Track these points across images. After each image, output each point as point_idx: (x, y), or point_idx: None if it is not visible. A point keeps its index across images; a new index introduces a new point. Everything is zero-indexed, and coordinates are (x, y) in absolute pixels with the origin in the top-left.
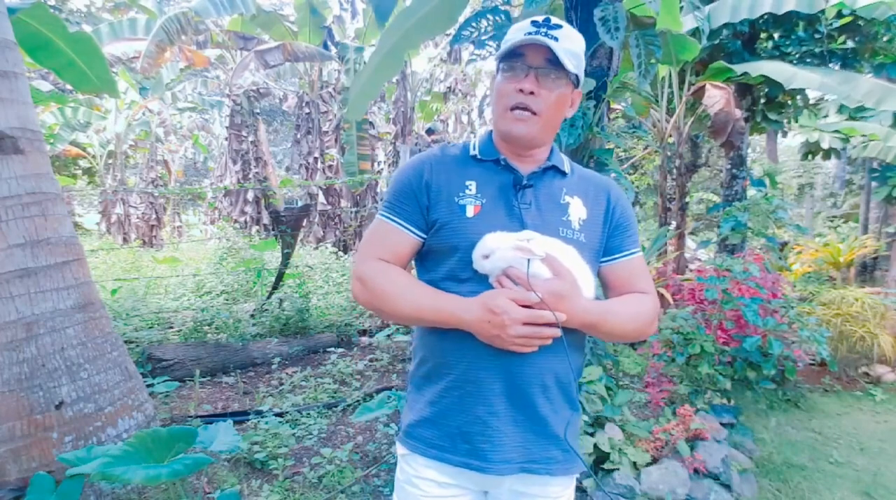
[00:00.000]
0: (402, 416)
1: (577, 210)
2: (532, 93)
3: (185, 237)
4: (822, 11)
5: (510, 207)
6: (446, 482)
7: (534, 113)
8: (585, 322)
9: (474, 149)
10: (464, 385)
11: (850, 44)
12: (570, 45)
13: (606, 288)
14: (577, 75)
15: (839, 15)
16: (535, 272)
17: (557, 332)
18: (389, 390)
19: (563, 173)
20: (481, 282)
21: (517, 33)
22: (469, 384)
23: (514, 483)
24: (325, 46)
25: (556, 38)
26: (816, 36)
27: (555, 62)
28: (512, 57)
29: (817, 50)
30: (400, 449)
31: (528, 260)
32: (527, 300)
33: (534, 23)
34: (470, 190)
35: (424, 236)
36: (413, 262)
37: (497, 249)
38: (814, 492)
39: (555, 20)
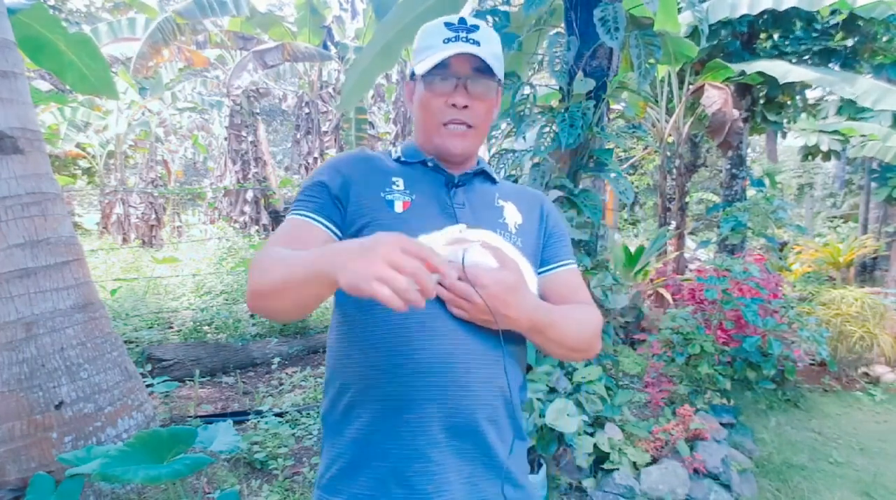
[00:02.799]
0: (319, 471)
1: (512, 214)
2: (465, 106)
3: (185, 237)
4: (819, 11)
5: (443, 205)
6: None
7: (470, 126)
8: (536, 322)
9: (397, 152)
10: (396, 412)
11: (848, 42)
12: (492, 47)
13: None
14: (500, 78)
15: (835, 13)
16: (479, 261)
17: (433, 291)
18: None
19: (494, 180)
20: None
21: (433, 39)
22: (402, 409)
23: None
24: (325, 46)
25: (477, 43)
26: (814, 34)
27: (483, 69)
28: (435, 66)
29: (816, 48)
30: None
31: (464, 251)
32: (470, 296)
33: (449, 25)
34: (397, 186)
35: (338, 233)
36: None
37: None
38: (813, 492)
39: (470, 20)
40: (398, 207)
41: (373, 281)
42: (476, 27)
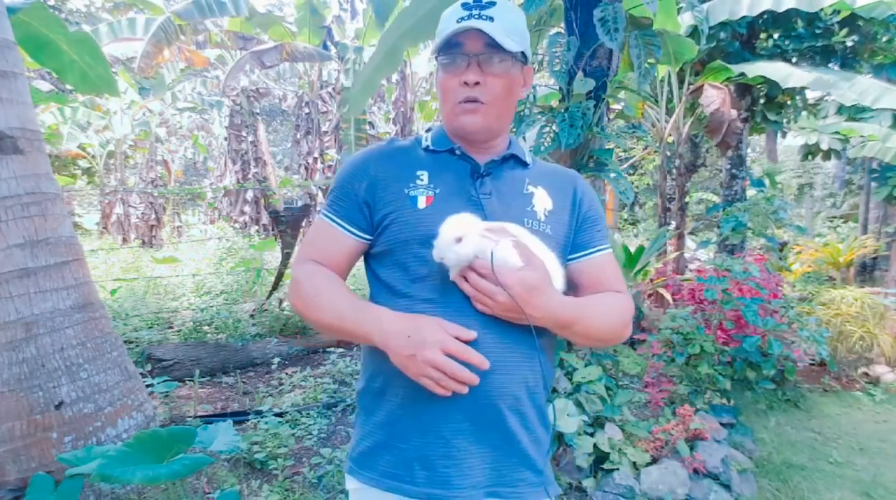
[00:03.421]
0: (351, 444)
1: (542, 200)
2: (478, 83)
3: (185, 237)
4: (822, 9)
5: (468, 196)
6: None
7: (483, 103)
8: (560, 320)
9: (427, 141)
10: (423, 401)
11: (849, 42)
12: (508, 22)
13: (576, 288)
14: (522, 52)
15: (836, 12)
16: (506, 259)
17: (475, 379)
18: None
19: (525, 164)
20: (438, 282)
21: (448, 21)
22: (430, 399)
23: None
24: (325, 46)
25: (490, 18)
26: (817, 31)
27: (495, 45)
28: (449, 48)
29: (818, 44)
30: (351, 483)
31: (492, 252)
32: (494, 295)
33: (464, 5)
34: (421, 180)
35: (366, 237)
36: (366, 272)
37: (469, 233)
38: (813, 492)
39: None
40: (421, 202)
41: (421, 378)
42: (492, 3)
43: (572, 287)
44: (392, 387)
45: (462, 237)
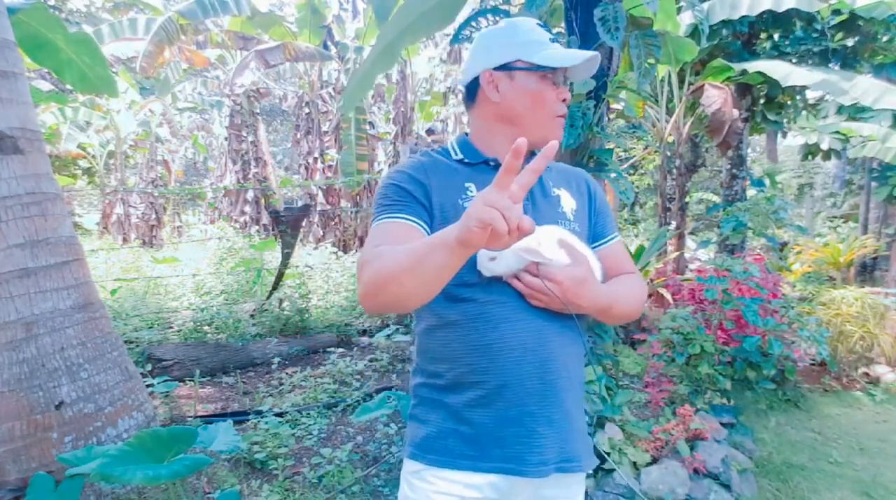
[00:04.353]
0: (413, 431)
1: (568, 201)
2: (564, 100)
3: (185, 237)
4: (819, 11)
5: None
6: (473, 496)
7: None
8: (601, 306)
9: (456, 153)
10: (498, 391)
11: (849, 42)
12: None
13: None
14: None
15: (836, 13)
16: (554, 258)
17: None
18: (389, 390)
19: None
20: (496, 284)
21: (540, 34)
22: (504, 389)
23: (542, 486)
24: (326, 46)
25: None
26: (814, 35)
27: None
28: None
29: (816, 49)
30: (412, 465)
31: (542, 251)
32: (548, 289)
33: (542, 26)
34: (471, 192)
35: (431, 233)
36: None
37: (503, 253)
38: (813, 492)
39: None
40: None
41: (483, 225)
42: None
43: None
44: (464, 383)
45: (496, 257)
